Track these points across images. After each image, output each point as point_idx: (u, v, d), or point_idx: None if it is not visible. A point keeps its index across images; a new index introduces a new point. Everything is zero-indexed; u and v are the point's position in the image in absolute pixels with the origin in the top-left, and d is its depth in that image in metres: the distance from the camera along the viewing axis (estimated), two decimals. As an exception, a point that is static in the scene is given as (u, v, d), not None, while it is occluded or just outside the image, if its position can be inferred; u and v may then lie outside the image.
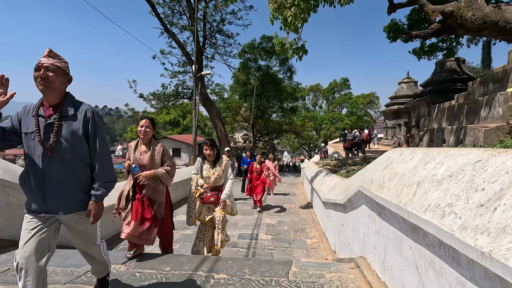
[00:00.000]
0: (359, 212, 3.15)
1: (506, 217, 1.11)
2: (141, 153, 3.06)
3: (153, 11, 17.31)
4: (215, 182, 3.49)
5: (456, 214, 1.36)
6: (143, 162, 3.02)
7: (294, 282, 2.50)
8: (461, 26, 8.08)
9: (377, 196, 2.34)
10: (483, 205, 1.25)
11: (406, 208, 1.80)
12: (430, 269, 1.63)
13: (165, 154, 3.15)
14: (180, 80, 21.28)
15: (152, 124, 3.09)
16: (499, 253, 1.04)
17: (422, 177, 1.87)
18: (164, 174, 3.05)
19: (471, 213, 1.28)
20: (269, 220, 6.74)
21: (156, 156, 3.07)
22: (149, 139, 3.11)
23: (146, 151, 3.06)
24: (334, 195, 4.54)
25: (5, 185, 3.49)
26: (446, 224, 1.38)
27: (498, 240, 1.08)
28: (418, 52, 13.42)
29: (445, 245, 1.44)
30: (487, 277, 1.16)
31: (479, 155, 1.53)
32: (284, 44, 7.15)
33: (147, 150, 3.06)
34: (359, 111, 39.45)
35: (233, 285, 2.44)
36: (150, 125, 3.06)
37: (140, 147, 3.09)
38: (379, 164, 2.82)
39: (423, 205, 1.65)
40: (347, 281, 2.51)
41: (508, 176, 1.25)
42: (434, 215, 1.51)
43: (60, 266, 2.78)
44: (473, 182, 1.41)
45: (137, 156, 3.05)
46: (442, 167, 1.74)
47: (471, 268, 1.26)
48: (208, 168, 3.52)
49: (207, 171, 3.51)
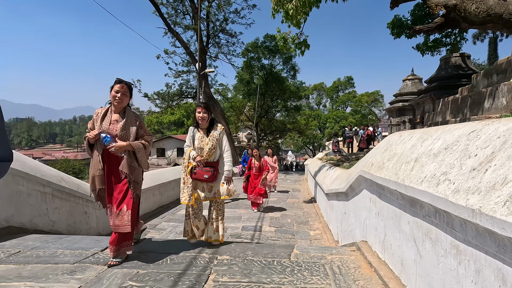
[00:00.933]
0: (360, 197, 3.19)
1: (495, 176, 1.15)
2: (111, 122, 2.52)
3: (157, 11, 17.49)
4: (209, 154, 2.99)
5: (450, 180, 1.40)
6: (113, 132, 2.49)
7: (295, 262, 2.55)
8: (464, 20, 8.04)
9: (377, 176, 2.38)
10: (475, 169, 1.29)
11: (403, 182, 1.84)
12: (426, 239, 1.66)
13: (141, 126, 2.65)
14: (184, 79, 21.47)
15: (129, 91, 2.61)
16: (488, 207, 1.08)
17: (419, 153, 1.91)
18: (141, 148, 2.56)
19: (464, 178, 1.32)
20: (272, 213, 6.79)
21: (131, 127, 2.56)
22: (123, 108, 2.61)
23: (118, 120, 2.54)
24: (337, 184, 4.58)
25: (15, 173, 3.59)
26: (440, 191, 1.42)
27: (488, 197, 1.12)
28: (422, 47, 13.34)
29: (440, 212, 1.48)
30: (478, 234, 1.20)
31: (473, 126, 1.57)
32: (287, 39, 7.20)
33: (120, 119, 2.55)
34: (364, 110, 39.26)
35: (236, 265, 2.49)
36: (128, 92, 2.57)
37: (110, 116, 2.55)
38: (379, 148, 2.86)
39: (420, 178, 1.69)
40: (348, 262, 2.55)
41: (499, 140, 1.29)
42: (430, 184, 1.55)
43: (68, 249, 2.87)
44: (467, 150, 1.44)
45: (105, 126, 2.50)
46: (438, 142, 1.78)
47: (463, 229, 1.30)
48: (201, 138, 3.02)
49: (200, 140, 3.01)
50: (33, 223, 3.85)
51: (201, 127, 3.05)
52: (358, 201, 3.30)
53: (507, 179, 1.09)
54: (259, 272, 2.35)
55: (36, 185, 3.85)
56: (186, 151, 3.08)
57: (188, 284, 2.15)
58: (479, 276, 1.21)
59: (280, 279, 2.21)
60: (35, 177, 3.81)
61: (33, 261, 2.58)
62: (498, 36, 27.98)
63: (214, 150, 3.01)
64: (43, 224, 3.98)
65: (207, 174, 2.93)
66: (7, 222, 3.53)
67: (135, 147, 2.52)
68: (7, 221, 3.53)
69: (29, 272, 2.35)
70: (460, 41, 12.18)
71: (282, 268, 2.42)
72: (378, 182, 2.38)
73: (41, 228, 3.91)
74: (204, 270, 2.39)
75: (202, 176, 2.93)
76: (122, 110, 2.60)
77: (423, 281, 1.69)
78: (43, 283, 2.16)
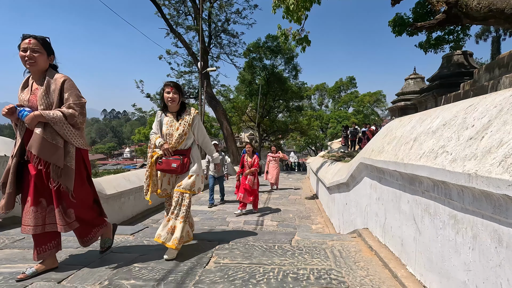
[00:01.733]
0: (361, 185, 3.20)
1: (491, 141, 1.17)
2: (31, 93, 1.97)
3: (159, 12, 17.63)
4: (179, 141, 2.50)
5: (448, 152, 1.42)
6: (33, 103, 1.95)
7: (296, 246, 2.57)
8: (466, 15, 8.03)
9: (377, 160, 2.39)
10: (472, 138, 1.31)
11: (402, 161, 1.85)
12: (425, 215, 1.68)
13: (67, 89, 1.98)
14: (186, 80, 21.59)
15: (44, 46, 1.97)
16: (483, 169, 1.10)
17: (418, 133, 1.92)
18: (59, 118, 1.89)
19: (461, 147, 1.34)
20: (274, 208, 6.79)
21: (52, 92, 1.96)
22: (43, 72, 2.00)
23: (38, 88, 1.98)
24: (338, 176, 4.59)
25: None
26: (438, 162, 1.43)
27: (484, 160, 1.13)
28: (424, 45, 13.34)
29: (438, 184, 1.49)
30: (475, 199, 1.21)
31: (471, 101, 1.58)
32: (288, 35, 7.23)
33: (39, 87, 1.97)
34: (366, 110, 39.18)
35: (237, 249, 2.51)
36: (40, 47, 1.94)
37: (31, 85, 2.01)
38: (380, 134, 2.88)
39: (418, 154, 1.70)
40: (348, 246, 2.56)
41: (496, 109, 1.30)
42: (428, 159, 1.56)
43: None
44: (465, 122, 1.46)
45: (24, 96, 1.97)
46: (437, 120, 1.79)
47: (460, 197, 1.31)
48: (170, 122, 2.54)
49: (169, 126, 2.53)
50: (37, 214, 3.89)
51: (171, 110, 2.58)
52: (359, 189, 3.31)
53: (502, 141, 1.10)
54: (260, 255, 2.36)
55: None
56: (151, 139, 2.61)
57: (189, 265, 2.17)
58: (476, 241, 1.22)
59: (281, 261, 2.23)
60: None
61: (37, 246, 2.61)
62: (501, 35, 27.86)
63: (185, 136, 2.52)
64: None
65: (176, 163, 2.44)
66: (11, 212, 3.57)
67: (48, 118, 1.87)
68: (11, 211, 3.57)
69: (33, 255, 2.38)
70: (463, 37, 12.17)
71: (283, 252, 2.43)
72: (378, 166, 2.39)
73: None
74: (205, 253, 2.41)
75: (169, 165, 2.45)
76: (42, 75, 1.99)
77: (422, 256, 1.70)
78: (47, 265, 2.19)
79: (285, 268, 2.09)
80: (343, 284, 1.84)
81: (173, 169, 2.45)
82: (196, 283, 1.88)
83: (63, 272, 2.05)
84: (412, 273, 1.84)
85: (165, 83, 2.54)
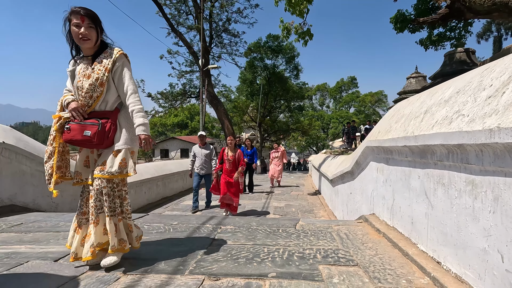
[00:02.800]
0: (367, 171, 3.12)
1: (514, 94, 1.09)
2: None
3: (160, 11, 17.63)
4: (92, 95, 1.70)
5: (464, 115, 1.34)
6: None
7: (301, 230, 2.49)
8: (469, 10, 7.96)
9: (384, 140, 2.32)
10: (491, 96, 1.23)
11: (413, 134, 1.78)
12: (439, 187, 1.60)
13: None
14: (187, 79, 21.55)
15: None
16: (507, 121, 1.02)
17: (429, 105, 1.85)
18: None
19: (479, 107, 1.26)
20: (276, 203, 6.71)
21: None
22: None
23: None
24: (342, 167, 4.51)
25: (18, 152, 3.58)
26: (454, 126, 1.36)
27: (507, 113, 1.06)
28: (425, 42, 13.25)
29: (453, 150, 1.42)
30: (496, 157, 1.13)
31: (487, 65, 1.51)
32: (290, 29, 7.18)
33: None
34: (367, 110, 39.08)
35: (241, 232, 2.44)
36: None
37: None
38: (386, 116, 2.80)
39: (430, 124, 1.63)
40: (355, 230, 2.48)
41: (516, 65, 1.23)
42: (441, 126, 1.49)
43: (71, 221, 2.84)
44: (481, 85, 1.38)
45: None
46: (449, 90, 1.72)
47: (479, 159, 1.23)
48: (84, 70, 1.73)
49: (82, 75, 1.72)
50: (36, 203, 3.83)
51: (85, 53, 1.77)
52: (364, 175, 3.23)
53: (527, 91, 1.03)
54: (263, 237, 2.29)
55: (39, 165, 3.83)
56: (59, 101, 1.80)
57: (190, 246, 2.09)
58: (498, 203, 1.14)
59: (285, 242, 2.15)
60: (38, 157, 3.79)
61: (35, 230, 2.55)
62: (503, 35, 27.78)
63: (101, 88, 1.70)
64: (46, 205, 3.96)
65: (91, 130, 1.65)
66: (10, 200, 3.51)
67: None
68: (10, 199, 3.51)
69: (30, 238, 2.32)
70: (465, 34, 12.08)
71: (288, 234, 2.35)
72: (385, 145, 2.32)
73: (44, 209, 3.89)
74: (209, 236, 2.34)
75: (80, 133, 1.65)
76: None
77: (435, 231, 1.62)
78: (44, 246, 2.12)
79: (290, 249, 2.02)
80: (351, 262, 1.76)
81: (87, 138, 1.64)
82: (198, 261, 1.81)
83: (59, 251, 1.98)
84: (424, 251, 1.76)
85: (72, 9, 1.65)
